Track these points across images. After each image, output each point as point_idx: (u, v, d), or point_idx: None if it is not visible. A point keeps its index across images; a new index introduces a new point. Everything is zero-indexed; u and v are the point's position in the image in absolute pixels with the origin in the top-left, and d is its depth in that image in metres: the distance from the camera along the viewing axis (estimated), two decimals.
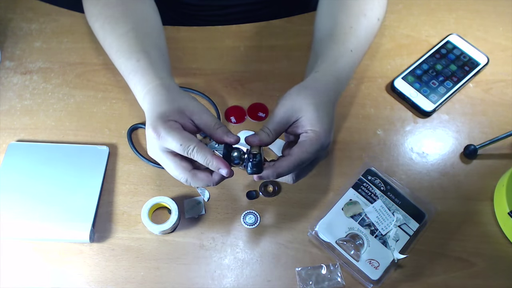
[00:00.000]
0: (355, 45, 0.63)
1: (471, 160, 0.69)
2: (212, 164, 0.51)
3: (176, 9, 0.89)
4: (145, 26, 0.64)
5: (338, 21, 0.65)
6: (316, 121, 0.54)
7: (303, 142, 0.54)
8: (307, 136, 0.54)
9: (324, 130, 0.54)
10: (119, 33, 0.62)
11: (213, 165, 0.51)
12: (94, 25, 0.67)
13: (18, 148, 0.67)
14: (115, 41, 0.62)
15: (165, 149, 0.52)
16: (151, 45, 0.62)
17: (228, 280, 0.60)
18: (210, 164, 0.51)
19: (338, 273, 0.60)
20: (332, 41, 0.63)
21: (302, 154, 0.53)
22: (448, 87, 0.74)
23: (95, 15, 0.66)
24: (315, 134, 0.54)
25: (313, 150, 0.53)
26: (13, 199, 0.62)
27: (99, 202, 0.64)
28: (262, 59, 0.77)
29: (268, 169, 0.53)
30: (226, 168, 0.51)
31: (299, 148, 0.53)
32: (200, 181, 0.53)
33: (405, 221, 0.63)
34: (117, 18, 0.64)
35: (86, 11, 0.69)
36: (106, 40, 0.64)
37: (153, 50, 0.61)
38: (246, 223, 0.64)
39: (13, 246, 0.61)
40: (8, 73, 0.74)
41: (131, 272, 0.60)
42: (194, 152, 0.51)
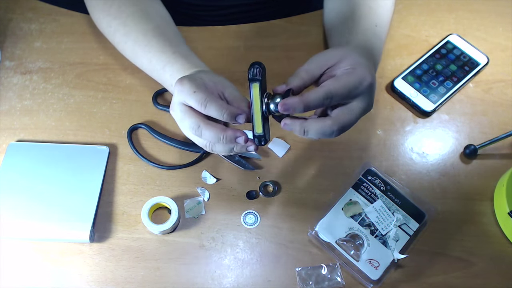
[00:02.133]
0: (378, 21, 0.62)
1: (471, 160, 0.69)
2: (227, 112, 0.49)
3: (176, 9, 0.89)
4: (168, 24, 0.67)
5: (355, 4, 0.64)
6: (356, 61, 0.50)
7: (338, 76, 0.50)
8: (344, 71, 0.50)
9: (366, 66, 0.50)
10: (146, 28, 0.64)
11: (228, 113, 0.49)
12: (111, 22, 0.67)
13: (18, 148, 0.67)
14: (143, 36, 0.63)
15: (183, 102, 0.52)
16: (179, 41, 0.64)
17: (228, 280, 0.60)
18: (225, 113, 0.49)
19: (338, 273, 0.60)
20: (354, 20, 0.62)
21: (334, 85, 0.49)
22: (448, 87, 0.74)
23: (111, 13, 0.66)
24: (353, 69, 0.50)
25: (349, 84, 0.49)
26: (13, 199, 0.62)
27: (99, 202, 0.64)
28: (262, 59, 0.76)
29: (294, 98, 0.48)
30: (243, 112, 0.50)
31: (332, 80, 0.49)
32: (211, 131, 0.50)
33: (405, 221, 0.63)
34: (140, 16, 0.65)
35: (97, 10, 0.69)
36: (129, 36, 0.65)
37: (183, 45, 0.64)
38: (246, 223, 0.64)
39: (13, 246, 0.61)
40: (8, 73, 0.74)
41: (131, 272, 0.60)
42: (207, 102, 0.50)
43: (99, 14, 0.68)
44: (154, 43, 0.63)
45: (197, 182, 0.66)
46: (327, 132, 0.50)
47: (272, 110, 0.51)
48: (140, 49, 0.64)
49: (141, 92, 0.73)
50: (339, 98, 0.50)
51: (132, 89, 0.73)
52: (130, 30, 0.65)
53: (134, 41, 0.64)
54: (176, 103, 0.53)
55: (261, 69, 0.48)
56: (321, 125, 0.50)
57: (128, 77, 0.74)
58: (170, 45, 0.63)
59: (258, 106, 0.50)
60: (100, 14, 0.68)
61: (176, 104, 0.53)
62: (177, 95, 0.52)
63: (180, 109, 0.52)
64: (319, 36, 0.79)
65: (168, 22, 0.68)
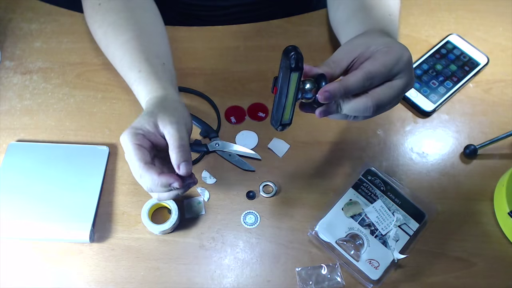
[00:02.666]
0: (391, 11, 0.61)
1: (471, 160, 0.69)
2: (159, 183, 0.49)
3: (176, 9, 0.89)
4: (148, 33, 0.64)
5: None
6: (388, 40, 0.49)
7: (375, 55, 0.48)
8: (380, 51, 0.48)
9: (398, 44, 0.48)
10: (121, 40, 0.62)
11: (160, 184, 0.49)
12: (97, 31, 0.67)
13: (18, 148, 0.67)
14: (118, 50, 0.63)
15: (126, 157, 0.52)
16: (153, 54, 0.62)
17: (228, 280, 0.60)
18: (158, 185, 0.49)
19: (338, 273, 0.60)
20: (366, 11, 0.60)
21: (373, 66, 0.46)
22: (448, 87, 0.74)
23: (98, 21, 0.66)
24: (388, 48, 0.48)
25: (388, 62, 0.47)
26: (13, 199, 0.62)
27: (99, 202, 0.64)
28: (262, 59, 0.77)
29: (334, 83, 0.46)
30: (175, 180, 0.49)
31: (369, 61, 0.47)
32: (149, 177, 0.49)
33: (405, 221, 0.63)
34: (120, 25, 0.63)
35: (87, 16, 0.68)
36: (109, 48, 0.65)
37: (156, 59, 0.61)
38: (246, 223, 0.64)
39: (13, 246, 0.61)
40: (8, 73, 0.74)
41: (131, 272, 0.60)
42: (142, 174, 0.49)
43: (89, 19, 0.68)
44: (126, 58, 0.61)
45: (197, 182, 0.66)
46: (361, 108, 0.48)
47: (305, 98, 0.48)
48: (116, 63, 0.64)
49: None
50: (380, 78, 0.48)
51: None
52: (110, 41, 0.64)
53: (112, 54, 0.64)
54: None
55: (301, 56, 0.45)
56: (357, 100, 0.48)
57: None
58: (140, 60, 0.60)
59: (293, 95, 0.47)
60: (89, 20, 0.68)
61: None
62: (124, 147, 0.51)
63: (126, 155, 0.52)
64: (319, 36, 0.79)
65: (149, 29, 0.65)
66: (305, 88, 0.48)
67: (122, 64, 0.62)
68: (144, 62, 0.60)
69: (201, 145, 0.68)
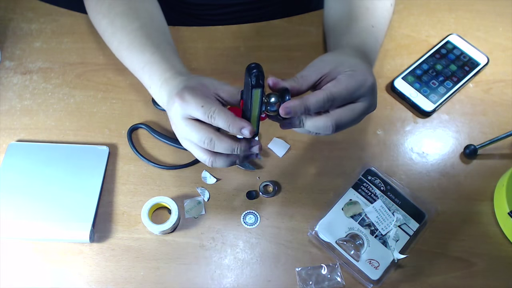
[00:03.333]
0: (375, 22, 0.63)
1: (471, 160, 0.69)
2: (234, 124, 0.49)
3: (177, 8, 0.89)
4: (154, 23, 0.66)
5: (352, 5, 0.65)
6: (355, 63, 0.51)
7: (340, 77, 0.50)
8: (345, 74, 0.50)
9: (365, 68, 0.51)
10: (130, 29, 0.63)
11: (235, 125, 0.49)
12: (101, 22, 0.67)
13: (18, 148, 0.67)
14: (126, 37, 0.63)
15: (188, 116, 0.51)
16: (162, 41, 0.63)
17: (228, 280, 0.60)
18: (232, 125, 0.49)
19: (338, 273, 0.60)
20: (351, 20, 0.62)
21: (335, 88, 0.49)
22: (448, 87, 0.74)
23: (102, 12, 0.66)
24: (353, 71, 0.50)
25: (350, 86, 0.49)
26: (13, 199, 0.62)
27: (99, 202, 0.64)
28: (262, 59, 0.77)
29: (295, 101, 0.49)
30: (248, 125, 0.49)
31: (333, 83, 0.50)
32: (226, 143, 0.50)
33: (405, 221, 0.63)
34: (128, 15, 0.64)
35: (90, 9, 0.69)
36: (115, 36, 0.65)
37: (165, 45, 0.63)
38: (246, 223, 0.64)
39: (13, 246, 0.61)
40: (8, 73, 0.74)
41: (131, 272, 0.60)
42: (215, 114, 0.49)
43: (92, 12, 0.69)
44: (136, 43, 0.62)
45: (197, 182, 0.66)
46: (321, 126, 0.51)
47: (269, 111, 0.51)
48: (124, 49, 0.64)
49: (141, 92, 0.73)
50: (341, 100, 0.50)
51: (132, 89, 0.73)
52: (116, 30, 0.65)
53: (119, 41, 0.64)
54: (178, 118, 0.52)
55: (262, 73, 0.48)
56: (318, 118, 0.51)
57: (128, 77, 0.74)
58: (152, 45, 0.61)
59: (257, 110, 0.49)
60: (93, 13, 0.69)
61: (179, 119, 0.52)
62: (179, 109, 0.51)
63: (185, 123, 0.51)
64: (319, 36, 0.79)
65: (156, 20, 0.67)
66: (270, 101, 0.50)
67: (131, 49, 0.62)
68: (155, 46, 0.61)
69: None
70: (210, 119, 0.50)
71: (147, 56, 0.60)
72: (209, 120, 0.50)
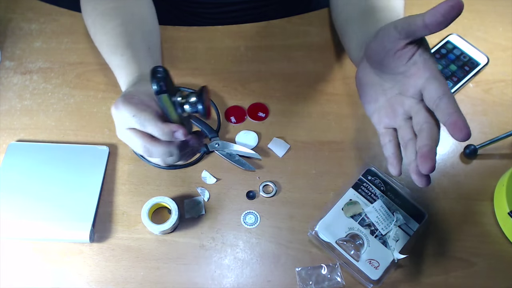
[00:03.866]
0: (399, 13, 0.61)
1: (471, 160, 0.69)
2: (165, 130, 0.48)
3: (178, 7, 0.89)
4: (135, 21, 0.65)
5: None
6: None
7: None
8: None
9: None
10: (108, 28, 0.63)
11: (166, 132, 0.48)
12: (87, 22, 0.68)
13: (18, 148, 0.67)
14: (104, 36, 0.63)
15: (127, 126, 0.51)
16: (138, 40, 0.62)
17: (228, 280, 0.60)
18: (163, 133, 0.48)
19: (338, 273, 0.60)
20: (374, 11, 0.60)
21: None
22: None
23: (88, 11, 0.67)
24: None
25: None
26: (13, 199, 0.62)
27: (99, 202, 0.64)
28: (262, 59, 0.77)
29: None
30: (179, 128, 0.48)
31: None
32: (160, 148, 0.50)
33: (405, 221, 0.63)
34: (107, 14, 0.64)
35: (82, 9, 0.69)
36: (96, 36, 0.65)
37: (140, 45, 0.62)
38: (246, 223, 0.64)
39: (13, 246, 0.61)
40: (8, 73, 0.74)
41: (131, 272, 0.60)
42: (146, 123, 0.48)
43: (82, 13, 0.69)
44: (111, 44, 0.62)
45: (197, 182, 0.66)
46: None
47: (190, 112, 0.49)
48: (101, 49, 0.64)
49: None
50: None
51: None
52: (96, 30, 0.65)
53: (99, 41, 0.65)
54: (120, 128, 0.51)
55: (164, 76, 0.45)
56: None
57: None
58: (124, 46, 0.60)
59: (173, 112, 0.48)
60: (82, 13, 0.69)
61: (121, 130, 0.51)
62: (117, 120, 0.51)
63: (126, 134, 0.51)
64: (319, 36, 0.79)
65: (137, 19, 0.66)
66: (189, 101, 0.48)
67: (106, 50, 0.63)
68: (127, 48, 0.60)
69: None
70: (142, 128, 0.49)
71: (117, 58, 0.60)
72: (142, 129, 0.49)
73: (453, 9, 0.42)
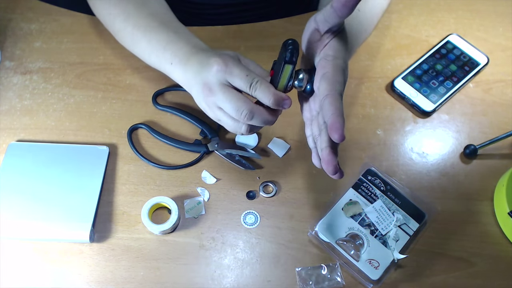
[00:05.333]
0: (363, 7, 0.62)
1: (471, 160, 0.69)
2: (276, 97, 0.50)
3: (176, 7, 0.89)
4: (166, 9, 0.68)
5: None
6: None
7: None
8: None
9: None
10: (146, 13, 0.64)
11: (277, 99, 0.50)
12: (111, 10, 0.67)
13: (18, 148, 0.67)
14: (143, 20, 0.64)
15: (227, 83, 0.52)
16: (179, 24, 0.65)
17: (228, 280, 0.60)
18: (273, 99, 0.50)
19: (338, 273, 0.60)
20: None
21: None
22: (448, 87, 0.74)
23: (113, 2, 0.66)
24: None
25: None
26: (13, 199, 0.62)
27: (99, 202, 0.64)
28: (262, 59, 0.77)
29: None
30: (288, 99, 0.51)
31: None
32: (262, 114, 0.52)
33: (405, 221, 0.63)
34: (142, 3, 0.66)
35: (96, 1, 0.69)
36: (128, 21, 0.65)
37: (183, 28, 0.64)
38: (246, 223, 0.64)
39: (13, 246, 0.61)
40: (8, 73, 0.74)
41: (131, 272, 0.60)
42: (258, 85, 0.50)
43: (100, 4, 0.68)
44: (154, 25, 0.63)
45: (197, 182, 0.66)
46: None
47: (296, 86, 0.52)
48: (140, 31, 0.64)
49: (141, 92, 0.73)
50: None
51: (132, 89, 0.73)
52: (129, 15, 0.65)
53: (134, 25, 0.64)
54: (215, 83, 0.52)
55: (297, 50, 0.49)
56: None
57: (128, 77, 0.74)
58: (171, 26, 0.63)
59: (285, 82, 0.51)
60: (101, 4, 0.68)
61: (216, 84, 0.52)
62: (219, 74, 0.51)
63: (223, 90, 0.51)
64: None
65: (167, 9, 0.68)
66: (298, 77, 0.52)
67: (149, 30, 0.63)
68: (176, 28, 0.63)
69: (201, 145, 0.68)
70: (251, 89, 0.50)
71: (170, 35, 0.61)
72: (249, 90, 0.51)
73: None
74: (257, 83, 0.50)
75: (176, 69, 0.59)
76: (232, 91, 0.52)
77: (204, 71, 0.53)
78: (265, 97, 0.50)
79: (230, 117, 0.53)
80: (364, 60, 0.77)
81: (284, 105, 0.51)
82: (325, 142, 0.50)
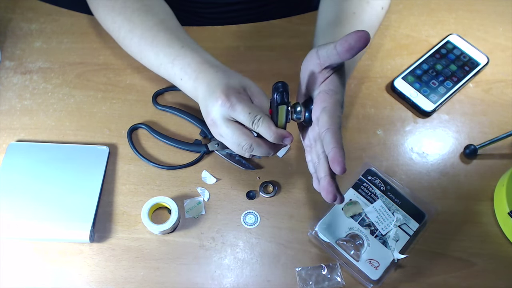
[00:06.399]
0: (361, 27, 0.63)
1: (471, 160, 0.69)
2: (277, 134, 0.52)
3: (176, 6, 0.89)
4: (171, 18, 0.67)
5: (341, 8, 0.66)
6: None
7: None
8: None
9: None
10: (151, 24, 0.64)
11: (277, 136, 0.52)
12: (115, 18, 0.67)
13: (18, 148, 0.67)
14: (148, 31, 0.64)
15: (230, 117, 0.53)
16: (186, 35, 0.65)
17: (228, 280, 0.60)
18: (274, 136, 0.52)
19: (338, 273, 0.60)
20: (335, 25, 0.64)
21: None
22: (448, 87, 0.74)
23: (117, 9, 0.66)
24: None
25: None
26: (13, 199, 0.62)
27: (99, 202, 0.64)
28: (262, 59, 0.77)
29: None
30: (289, 135, 0.52)
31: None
32: (263, 148, 0.54)
33: (405, 221, 0.63)
34: (145, 11, 0.65)
35: (101, 6, 0.68)
36: (134, 31, 0.65)
37: (190, 39, 0.64)
38: (246, 223, 0.64)
39: (13, 246, 0.61)
40: (8, 73, 0.74)
41: (131, 272, 0.60)
42: (260, 122, 0.52)
43: (103, 10, 0.68)
44: (161, 37, 0.63)
45: (197, 182, 0.66)
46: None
47: (295, 119, 0.54)
48: (147, 44, 0.64)
49: (141, 92, 0.73)
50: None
51: (132, 89, 0.73)
52: (135, 25, 0.65)
53: (140, 36, 0.64)
54: (219, 117, 0.54)
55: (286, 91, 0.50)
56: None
57: (128, 77, 0.74)
58: (177, 38, 0.63)
59: (283, 121, 0.53)
60: (104, 11, 0.68)
61: (219, 118, 0.54)
62: (223, 109, 0.53)
63: (226, 124, 0.54)
64: None
65: (172, 17, 0.68)
66: (296, 110, 0.54)
67: (156, 43, 0.63)
68: (183, 40, 0.63)
69: (201, 145, 0.68)
70: (253, 126, 0.52)
71: (176, 49, 0.61)
72: (252, 126, 0.52)
73: (360, 39, 0.46)
74: (259, 121, 0.52)
75: (186, 85, 0.60)
76: (234, 126, 0.53)
77: (210, 102, 0.55)
78: (266, 134, 0.52)
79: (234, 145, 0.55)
80: (364, 60, 0.77)
81: (285, 141, 0.53)
82: (324, 171, 0.52)
